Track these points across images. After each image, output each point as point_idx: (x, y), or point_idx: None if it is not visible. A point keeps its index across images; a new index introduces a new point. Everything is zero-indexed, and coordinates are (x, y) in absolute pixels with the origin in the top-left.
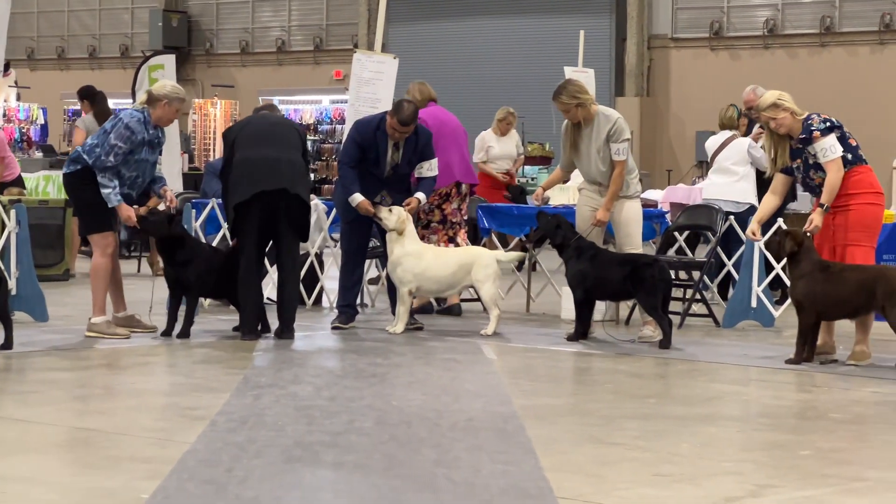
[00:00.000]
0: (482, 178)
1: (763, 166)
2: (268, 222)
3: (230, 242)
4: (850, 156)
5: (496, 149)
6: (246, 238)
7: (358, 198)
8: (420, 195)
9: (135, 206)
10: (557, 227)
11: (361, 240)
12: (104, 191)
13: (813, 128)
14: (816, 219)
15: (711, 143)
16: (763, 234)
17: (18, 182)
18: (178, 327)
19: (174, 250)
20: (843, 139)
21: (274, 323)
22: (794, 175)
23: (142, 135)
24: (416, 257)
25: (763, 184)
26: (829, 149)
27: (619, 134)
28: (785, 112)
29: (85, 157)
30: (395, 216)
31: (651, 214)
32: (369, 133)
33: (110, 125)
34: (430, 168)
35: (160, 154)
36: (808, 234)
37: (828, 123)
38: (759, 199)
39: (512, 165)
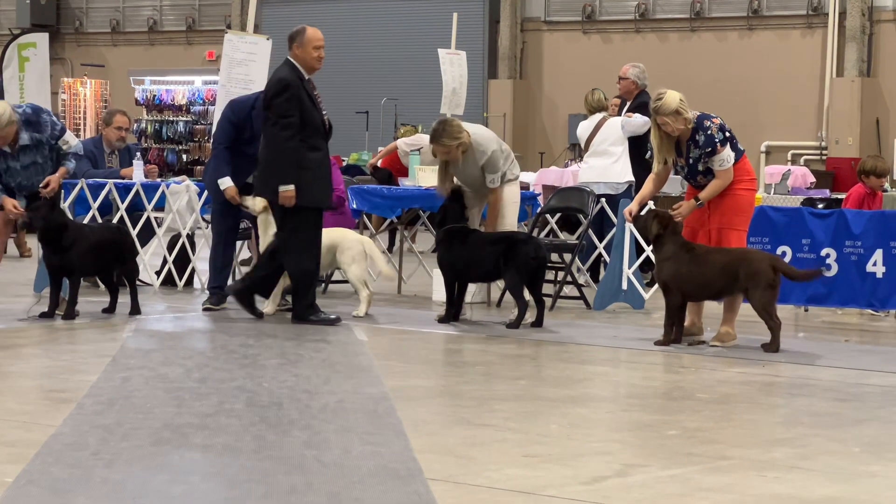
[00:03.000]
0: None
1: (640, 131)
2: None
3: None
4: (733, 154)
5: None
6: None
7: (227, 182)
8: None
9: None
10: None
11: (233, 221)
12: None
13: (716, 140)
14: (685, 209)
15: (583, 129)
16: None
17: None
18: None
19: (57, 237)
20: (731, 142)
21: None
22: (676, 171)
23: None
24: None
25: (639, 161)
26: (726, 159)
27: (492, 166)
28: (682, 120)
29: None
30: (259, 202)
31: (524, 197)
32: (244, 111)
33: None
34: None
35: (49, 149)
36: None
37: (725, 133)
38: (635, 174)
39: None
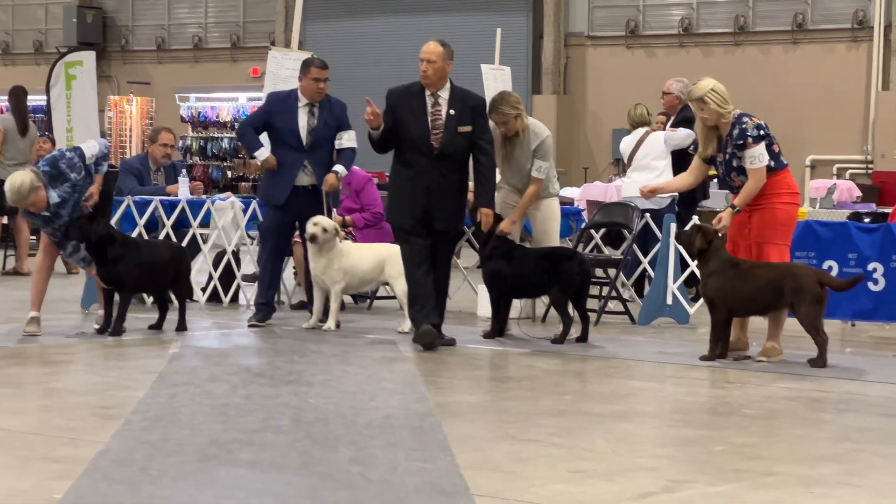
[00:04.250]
0: None
1: (683, 143)
2: None
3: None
4: (772, 163)
5: None
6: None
7: (264, 153)
8: (339, 168)
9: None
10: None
11: (283, 238)
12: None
13: (748, 134)
14: (725, 218)
15: (626, 144)
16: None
17: None
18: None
19: (102, 249)
20: (769, 146)
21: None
22: (713, 165)
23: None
24: (339, 255)
25: (681, 172)
26: (757, 157)
27: (543, 152)
28: (710, 109)
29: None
30: (330, 222)
31: (568, 212)
32: (279, 100)
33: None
34: (349, 139)
35: (77, 189)
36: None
37: (760, 131)
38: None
39: None
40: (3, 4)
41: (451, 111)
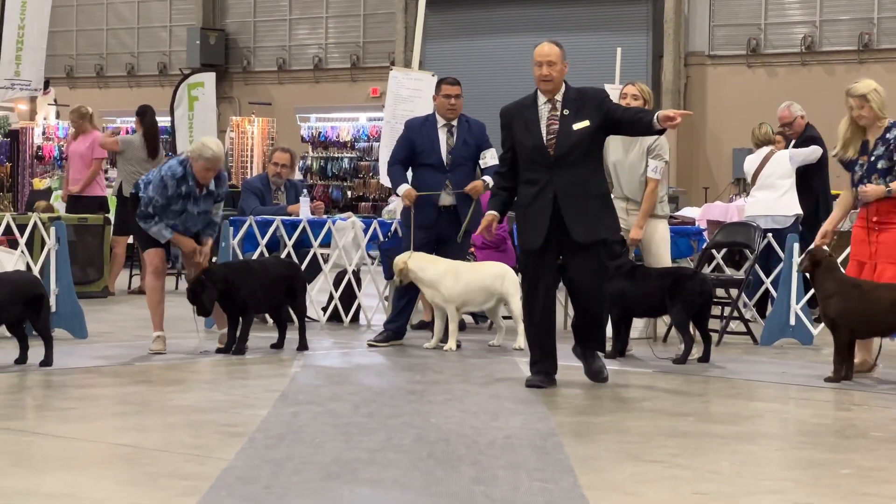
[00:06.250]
0: None
1: (810, 158)
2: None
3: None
4: None
5: None
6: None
7: (404, 187)
8: (487, 178)
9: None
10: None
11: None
12: (150, 231)
13: None
14: (871, 191)
15: (750, 162)
16: (802, 251)
17: (97, 203)
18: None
19: (224, 297)
20: None
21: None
22: (852, 171)
23: (175, 190)
24: (454, 274)
25: (807, 193)
26: None
27: (659, 150)
28: (869, 108)
29: (141, 190)
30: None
31: (689, 232)
32: (417, 124)
33: (155, 172)
34: (492, 157)
35: (216, 202)
36: (828, 250)
37: None
38: (803, 207)
39: None
40: (129, 27)
41: (565, 111)
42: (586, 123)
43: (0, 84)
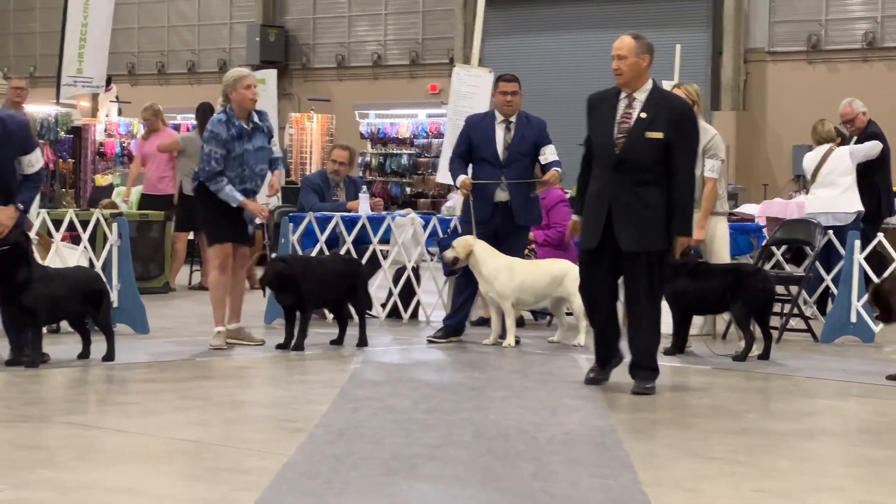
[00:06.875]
0: None
1: (871, 153)
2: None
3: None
4: None
5: None
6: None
7: (461, 178)
8: (557, 169)
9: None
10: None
11: None
12: (220, 195)
13: None
14: None
15: (810, 160)
16: (863, 248)
17: (166, 201)
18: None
19: (281, 284)
20: None
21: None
22: None
23: (226, 132)
24: (509, 270)
25: (867, 190)
26: None
27: (714, 149)
28: None
29: (199, 174)
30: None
31: (748, 229)
32: (476, 119)
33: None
34: (552, 153)
35: (269, 138)
36: None
37: None
38: (864, 204)
39: None
40: (190, 25)
41: (643, 114)
42: (660, 136)
43: (63, 81)
